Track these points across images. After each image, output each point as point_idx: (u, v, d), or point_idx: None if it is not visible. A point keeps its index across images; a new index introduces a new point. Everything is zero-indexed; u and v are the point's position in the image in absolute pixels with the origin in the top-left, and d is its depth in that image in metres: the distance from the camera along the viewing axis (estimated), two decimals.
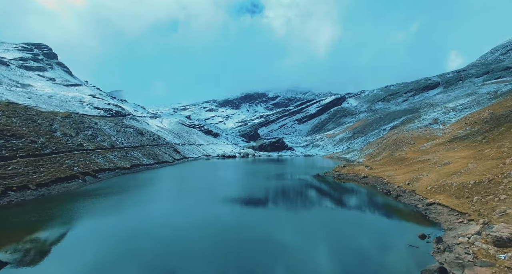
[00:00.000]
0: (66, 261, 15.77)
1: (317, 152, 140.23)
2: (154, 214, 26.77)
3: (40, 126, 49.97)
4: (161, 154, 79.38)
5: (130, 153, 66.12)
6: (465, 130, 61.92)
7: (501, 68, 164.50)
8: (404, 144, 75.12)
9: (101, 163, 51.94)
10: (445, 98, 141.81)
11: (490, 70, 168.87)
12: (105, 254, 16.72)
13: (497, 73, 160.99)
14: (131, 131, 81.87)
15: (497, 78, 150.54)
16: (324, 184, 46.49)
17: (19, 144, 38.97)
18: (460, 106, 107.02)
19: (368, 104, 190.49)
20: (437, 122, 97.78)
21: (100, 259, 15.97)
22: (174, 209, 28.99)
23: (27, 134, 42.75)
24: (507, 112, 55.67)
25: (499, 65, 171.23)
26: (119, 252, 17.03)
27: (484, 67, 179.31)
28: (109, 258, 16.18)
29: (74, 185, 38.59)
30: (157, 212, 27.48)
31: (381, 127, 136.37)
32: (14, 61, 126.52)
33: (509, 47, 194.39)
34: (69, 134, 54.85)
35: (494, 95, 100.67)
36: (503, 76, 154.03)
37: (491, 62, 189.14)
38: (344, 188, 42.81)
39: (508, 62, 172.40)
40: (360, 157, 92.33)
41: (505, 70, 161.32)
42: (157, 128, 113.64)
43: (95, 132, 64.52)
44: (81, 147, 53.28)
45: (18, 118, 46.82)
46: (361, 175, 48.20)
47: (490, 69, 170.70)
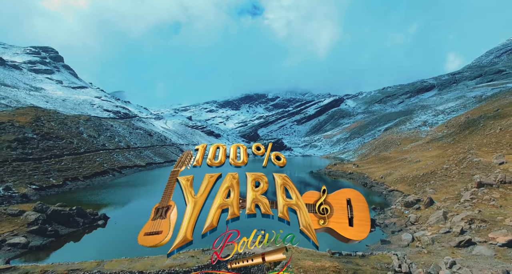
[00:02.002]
0: (134, 219, 25.37)
1: (315, 152, 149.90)
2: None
3: (71, 129, 59.40)
4: (169, 153, 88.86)
5: (143, 152, 75.59)
6: (443, 133, 71.77)
7: (493, 72, 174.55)
8: (392, 144, 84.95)
9: (122, 161, 61.40)
10: (438, 101, 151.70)
11: (483, 73, 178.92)
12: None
13: (490, 76, 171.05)
14: (141, 133, 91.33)
15: (488, 82, 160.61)
16: (315, 178, 56.23)
17: (62, 144, 48.45)
18: (449, 109, 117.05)
19: (366, 105, 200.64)
20: (425, 124, 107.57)
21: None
22: None
23: (65, 136, 52.22)
24: (477, 117, 65.51)
25: (492, 68, 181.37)
26: None
27: (478, 70, 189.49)
28: None
29: (108, 178, 48.14)
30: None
31: (377, 128, 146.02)
32: (24, 64, 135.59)
33: (503, 50, 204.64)
34: (93, 136, 64.29)
35: (479, 99, 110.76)
36: (495, 79, 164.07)
37: (486, 65, 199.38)
38: (331, 181, 52.58)
39: (501, 65, 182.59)
40: (354, 157, 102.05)
41: (497, 73, 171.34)
42: (162, 129, 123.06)
43: (113, 134, 73.97)
44: (104, 147, 62.73)
45: (54, 122, 56.24)
46: (348, 171, 57.94)
47: (483, 72, 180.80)
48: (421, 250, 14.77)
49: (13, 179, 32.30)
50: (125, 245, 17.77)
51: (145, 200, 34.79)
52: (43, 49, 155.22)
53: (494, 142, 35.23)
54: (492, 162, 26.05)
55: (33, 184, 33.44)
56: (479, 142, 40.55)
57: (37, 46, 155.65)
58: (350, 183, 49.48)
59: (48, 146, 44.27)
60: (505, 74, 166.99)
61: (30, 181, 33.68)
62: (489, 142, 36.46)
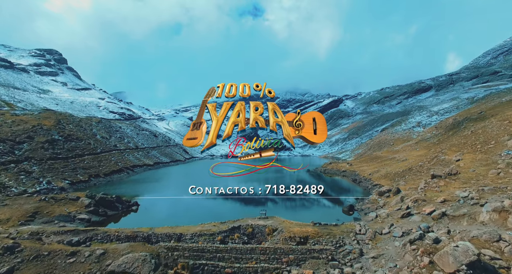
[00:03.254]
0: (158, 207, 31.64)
1: (314, 152, 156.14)
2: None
3: (86, 131, 65.59)
4: (174, 153, 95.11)
5: (150, 153, 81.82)
6: (431, 134, 78.08)
7: (489, 73, 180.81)
8: (385, 144, 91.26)
9: (132, 160, 67.61)
10: (434, 102, 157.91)
11: (480, 74, 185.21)
12: (175, 208, 32.62)
13: (485, 77, 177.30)
14: (147, 134, 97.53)
15: (484, 83, 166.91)
16: (312, 176, 62.53)
17: (82, 144, 54.67)
18: (443, 111, 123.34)
19: (364, 106, 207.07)
20: (419, 125, 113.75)
21: (174, 208, 31.90)
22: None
23: (83, 138, 58.43)
24: (462, 120, 71.81)
25: (488, 69, 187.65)
26: (178, 207, 32.95)
27: (475, 71, 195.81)
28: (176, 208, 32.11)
29: (123, 175, 54.40)
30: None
31: (374, 129, 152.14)
32: (30, 67, 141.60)
33: (499, 51, 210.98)
34: (106, 137, 70.50)
35: (471, 101, 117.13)
36: (491, 80, 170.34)
37: (482, 66, 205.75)
38: (326, 178, 58.89)
39: (497, 66, 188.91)
40: (351, 156, 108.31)
41: (493, 74, 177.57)
42: (165, 130, 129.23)
43: (122, 135, 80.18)
44: (116, 147, 68.93)
45: (72, 124, 62.42)
46: (342, 169, 64.24)
47: (479, 73, 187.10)
48: (377, 221, 21.06)
49: (50, 175, 38.51)
50: (159, 222, 23.98)
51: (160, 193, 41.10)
52: (47, 52, 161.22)
53: (462, 142, 41.54)
54: (452, 159, 32.34)
55: (66, 179, 39.68)
56: (453, 143, 46.77)
57: (42, 49, 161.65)
58: (343, 180, 55.78)
59: (72, 146, 50.50)
60: (500, 76, 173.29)
61: (63, 176, 39.91)
62: (459, 142, 42.80)
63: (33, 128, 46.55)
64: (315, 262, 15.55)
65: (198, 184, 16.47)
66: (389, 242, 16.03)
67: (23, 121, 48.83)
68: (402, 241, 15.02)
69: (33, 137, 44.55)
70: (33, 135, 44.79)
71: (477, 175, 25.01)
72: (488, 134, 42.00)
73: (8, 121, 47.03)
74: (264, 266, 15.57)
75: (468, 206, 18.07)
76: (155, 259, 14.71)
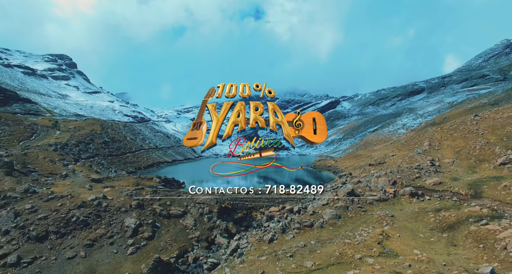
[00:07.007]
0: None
1: (311, 151, 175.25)
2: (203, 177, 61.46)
3: (120, 134, 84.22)
4: (185, 152, 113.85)
5: (167, 152, 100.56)
6: (406, 136, 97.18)
7: (478, 76, 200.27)
8: (370, 145, 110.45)
9: (156, 158, 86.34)
10: (423, 104, 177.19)
11: (469, 77, 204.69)
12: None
13: (474, 81, 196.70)
14: (161, 135, 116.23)
15: (472, 86, 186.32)
16: (304, 171, 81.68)
17: (122, 145, 73.34)
18: (426, 114, 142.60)
19: (360, 107, 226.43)
20: (403, 127, 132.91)
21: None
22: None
23: (121, 139, 77.06)
24: (429, 124, 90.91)
25: (478, 72, 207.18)
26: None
27: (466, 74, 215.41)
28: None
29: (155, 169, 73.20)
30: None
31: (367, 130, 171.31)
32: (44, 72, 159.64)
33: (491, 54, 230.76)
34: (133, 139, 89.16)
35: (451, 105, 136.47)
36: (478, 84, 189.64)
37: (474, 69, 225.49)
38: (314, 171, 77.97)
39: (486, 70, 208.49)
40: (342, 155, 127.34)
41: (481, 78, 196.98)
42: (173, 132, 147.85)
43: (144, 137, 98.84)
44: (142, 147, 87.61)
45: (109, 129, 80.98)
46: (327, 165, 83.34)
47: (469, 76, 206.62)
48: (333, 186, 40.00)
49: (113, 167, 57.19)
50: None
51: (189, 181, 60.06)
52: (59, 57, 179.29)
53: (412, 144, 60.57)
54: (388, 154, 51.29)
55: (124, 170, 58.42)
56: (408, 144, 65.78)
57: (54, 54, 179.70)
58: (328, 173, 74.87)
59: (117, 146, 69.19)
60: (487, 79, 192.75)
61: (121, 168, 58.64)
62: (409, 144, 61.86)
63: (91, 133, 65.14)
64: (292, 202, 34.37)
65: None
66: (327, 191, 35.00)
67: (80, 127, 67.38)
68: (332, 187, 33.97)
69: (93, 139, 63.14)
70: (93, 138, 63.40)
71: (394, 163, 43.94)
72: (427, 138, 61.12)
73: (71, 127, 65.53)
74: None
75: (373, 177, 36.97)
76: (217, 199, 33.43)
